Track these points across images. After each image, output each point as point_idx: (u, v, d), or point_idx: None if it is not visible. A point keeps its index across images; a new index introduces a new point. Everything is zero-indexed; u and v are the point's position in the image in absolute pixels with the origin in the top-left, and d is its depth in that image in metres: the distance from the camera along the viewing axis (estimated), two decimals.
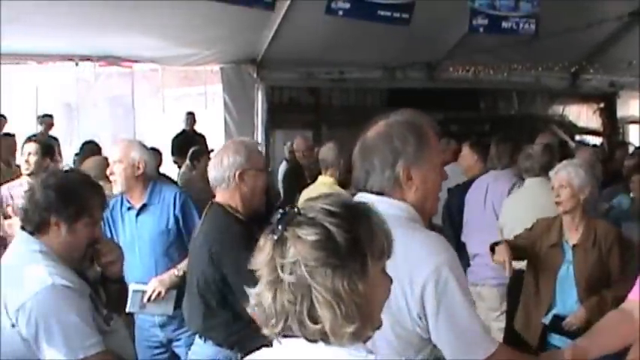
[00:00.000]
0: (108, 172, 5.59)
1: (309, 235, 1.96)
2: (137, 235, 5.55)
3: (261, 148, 13.51)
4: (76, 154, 10.93)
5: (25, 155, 6.67)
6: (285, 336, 2.02)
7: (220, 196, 4.48)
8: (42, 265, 3.40)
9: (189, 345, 4.86)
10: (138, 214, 5.56)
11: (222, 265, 4.24)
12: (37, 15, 10.79)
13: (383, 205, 2.60)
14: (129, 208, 5.61)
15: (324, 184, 6.79)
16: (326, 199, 2.07)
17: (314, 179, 7.38)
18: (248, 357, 2.16)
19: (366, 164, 3.03)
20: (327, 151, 6.96)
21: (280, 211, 2.03)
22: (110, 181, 5.54)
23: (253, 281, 2.04)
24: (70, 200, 3.54)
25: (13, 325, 3.33)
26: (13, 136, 11.24)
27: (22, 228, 3.59)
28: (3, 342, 3.38)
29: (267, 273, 2.00)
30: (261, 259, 2.02)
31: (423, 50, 13.53)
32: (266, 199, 4.76)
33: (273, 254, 1.99)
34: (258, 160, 4.52)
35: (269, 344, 2.07)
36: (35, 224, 3.52)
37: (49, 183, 3.55)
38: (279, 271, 1.97)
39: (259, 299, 2.02)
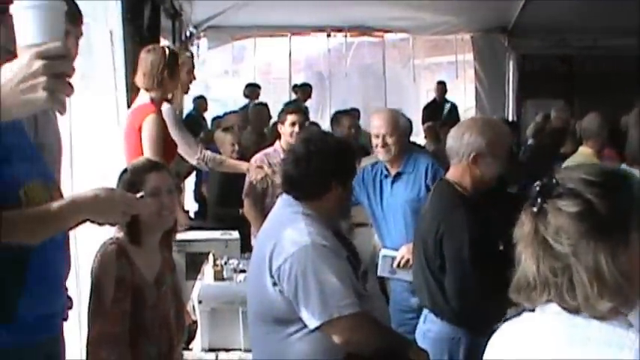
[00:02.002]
0: (374, 143, 5.64)
1: (569, 206, 1.92)
2: (392, 202, 5.65)
3: (512, 118, 13.31)
4: (312, 123, 11.15)
5: (289, 126, 6.68)
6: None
7: (452, 171, 4.33)
8: (302, 225, 3.53)
9: None
10: (393, 182, 5.64)
11: (443, 247, 4.16)
12: None
13: None
14: (386, 176, 5.70)
15: (583, 154, 6.62)
16: (584, 169, 2.02)
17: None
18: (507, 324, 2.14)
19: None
20: (589, 121, 6.78)
21: (538, 182, 1.99)
22: None
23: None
24: (345, 161, 3.73)
25: (274, 284, 3.47)
26: (266, 105, 11.61)
27: (287, 192, 3.74)
28: (266, 300, 3.54)
29: (529, 245, 1.97)
30: (522, 232, 1.99)
31: None
32: (512, 169, 4.62)
33: (535, 227, 1.96)
34: (500, 147, 4.22)
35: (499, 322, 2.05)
36: (313, 191, 3.66)
37: (321, 148, 3.68)
38: (542, 243, 1.94)
39: (520, 274, 2.00)
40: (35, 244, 2.46)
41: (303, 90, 14.10)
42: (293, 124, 6.57)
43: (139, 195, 3.15)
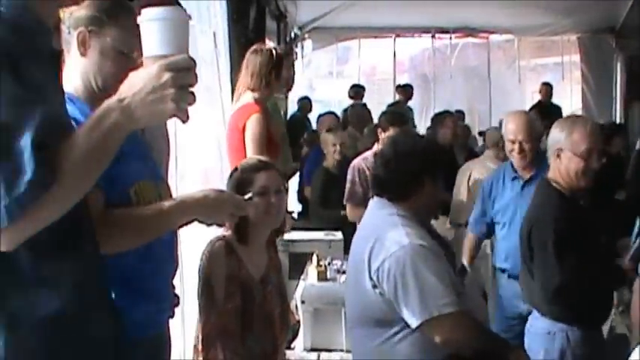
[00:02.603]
0: (509, 148, 5.47)
1: None
2: (519, 205, 5.36)
3: (619, 120, 13.01)
4: (429, 128, 11.12)
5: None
6: None
7: (550, 170, 4.35)
8: (400, 226, 3.53)
9: None
10: (524, 186, 5.45)
11: (531, 240, 4.17)
12: None
13: None
14: (514, 178, 5.52)
15: None
16: None
17: None
18: None
19: None
20: None
21: None
22: None
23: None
24: (434, 159, 3.75)
25: (374, 286, 3.48)
26: (364, 105, 11.63)
27: (379, 195, 3.76)
28: (366, 303, 3.55)
29: None
30: None
31: None
32: (614, 173, 4.48)
33: None
34: (578, 144, 4.15)
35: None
36: (405, 191, 3.67)
37: (409, 148, 3.71)
38: None
39: None
40: (144, 242, 2.52)
41: (405, 90, 14.08)
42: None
43: (246, 196, 3.21)
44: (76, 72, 2.60)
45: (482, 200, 5.74)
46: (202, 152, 6.14)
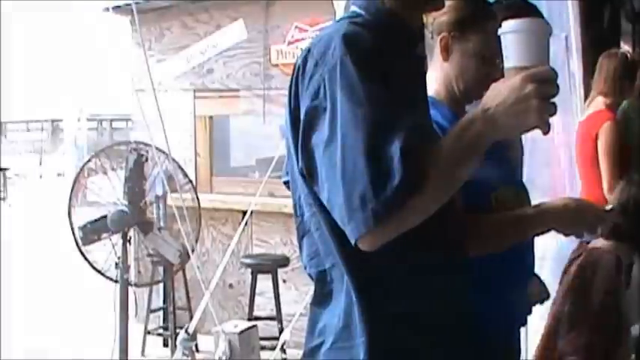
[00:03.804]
0: None
1: None
2: None
3: None
4: None
5: None
6: None
7: None
8: None
9: None
10: None
11: None
12: None
13: None
14: None
15: None
16: None
17: None
18: None
19: None
20: None
21: None
22: None
23: None
24: None
25: None
26: None
27: None
28: None
29: None
30: None
31: None
32: None
33: None
34: None
35: None
36: None
37: None
38: None
39: None
40: (503, 248, 2.52)
41: None
42: None
43: (608, 207, 3.11)
44: (438, 76, 2.64)
45: None
46: (551, 158, 6.05)
